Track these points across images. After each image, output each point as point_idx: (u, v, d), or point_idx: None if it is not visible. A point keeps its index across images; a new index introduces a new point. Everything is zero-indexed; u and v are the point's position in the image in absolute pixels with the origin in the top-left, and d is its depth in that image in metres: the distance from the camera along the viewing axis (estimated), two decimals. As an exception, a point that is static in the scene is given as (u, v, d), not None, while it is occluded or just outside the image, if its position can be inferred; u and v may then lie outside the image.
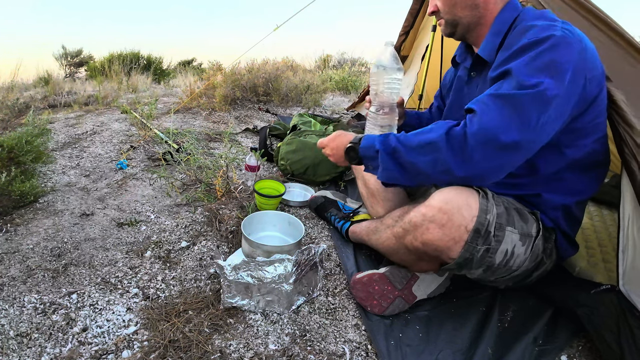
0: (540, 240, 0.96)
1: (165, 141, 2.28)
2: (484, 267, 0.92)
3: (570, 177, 0.98)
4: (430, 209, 0.91)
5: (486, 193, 0.92)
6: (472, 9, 1.04)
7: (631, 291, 0.93)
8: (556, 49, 0.83)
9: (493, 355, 0.93)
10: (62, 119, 2.87)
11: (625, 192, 0.96)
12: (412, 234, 0.95)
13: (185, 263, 1.23)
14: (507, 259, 0.92)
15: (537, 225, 0.96)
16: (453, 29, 1.09)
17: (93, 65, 6.61)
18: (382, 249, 1.14)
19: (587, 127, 0.93)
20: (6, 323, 0.94)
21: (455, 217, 0.88)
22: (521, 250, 0.93)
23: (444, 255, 0.92)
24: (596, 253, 1.28)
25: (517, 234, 0.92)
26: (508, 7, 1.02)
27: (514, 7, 1.02)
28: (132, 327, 0.97)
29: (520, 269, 0.96)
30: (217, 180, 1.67)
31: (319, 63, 7.40)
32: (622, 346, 0.87)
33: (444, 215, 0.89)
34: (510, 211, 0.93)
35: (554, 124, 0.85)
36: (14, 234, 1.33)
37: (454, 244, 0.89)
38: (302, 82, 3.96)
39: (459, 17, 1.06)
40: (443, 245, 0.90)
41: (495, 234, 0.89)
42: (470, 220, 0.88)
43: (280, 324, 1.00)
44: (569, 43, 0.84)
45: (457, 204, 0.89)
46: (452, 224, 0.88)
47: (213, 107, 3.38)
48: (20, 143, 1.57)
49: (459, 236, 0.88)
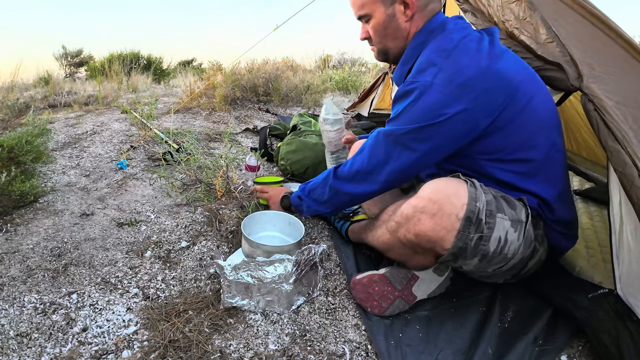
0: (530, 227, 0.96)
1: (165, 141, 2.28)
2: (479, 256, 0.92)
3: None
4: (420, 200, 0.93)
5: (474, 182, 0.93)
6: (402, 39, 1.08)
7: (629, 295, 0.93)
8: (420, 100, 0.94)
9: (493, 355, 0.93)
10: (62, 119, 2.87)
11: (613, 195, 0.95)
12: (405, 227, 0.96)
13: (185, 263, 1.23)
14: (501, 246, 0.92)
15: (525, 211, 0.96)
16: (385, 56, 1.15)
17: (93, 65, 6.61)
18: (378, 245, 1.14)
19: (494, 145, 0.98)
20: (6, 323, 0.95)
21: (446, 206, 0.89)
22: (514, 236, 0.93)
23: (438, 246, 0.92)
24: (596, 253, 1.28)
25: (508, 220, 0.93)
26: (422, 31, 1.05)
27: (427, 30, 1.04)
28: (132, 327, 0.97)
29: (515, 257, 0.96)
30: (217, 180, 1.67)
31: (319, 63, 7.40)
32: (621, 350, 0.86)
33: (434, 205, 0.90)
34: (498, 199, 0.95)
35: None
36: (14, 234, 1.33)
37: (446, 234, 0.90)
38: (302, 82, 3.96)
39: (389, 47, 1.11)
40: (435, 236, 0.91)
41: (486, 221, 0.90)
42: (461, 208, 0.89)
43: (280, 324, 1.00)
44: (436, 91, 0.92)
45: (447, 193, 0.90)
46: (442, 213, 0.89)
47: (213, 107, 3.38)
48: (20, 143, 1.57)
49: (451, 225, 0.89)
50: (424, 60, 0.98)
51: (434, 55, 0.96)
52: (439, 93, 0.92)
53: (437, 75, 0.92)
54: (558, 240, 1.06)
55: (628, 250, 0.92)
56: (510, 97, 0.94)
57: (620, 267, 0.94)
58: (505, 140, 0.97)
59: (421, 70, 0.96)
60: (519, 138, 0.97)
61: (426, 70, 0.95)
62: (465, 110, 0.92)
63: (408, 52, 1.08)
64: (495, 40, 1.00)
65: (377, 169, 1.06)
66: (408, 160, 1.01)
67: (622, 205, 0.92)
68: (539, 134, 0.98)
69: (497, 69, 0.93)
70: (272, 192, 1.44)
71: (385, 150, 1.03)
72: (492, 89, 0.93)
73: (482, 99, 0.92)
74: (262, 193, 1.47)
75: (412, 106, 0.95)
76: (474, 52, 0.94)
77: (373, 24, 1.08)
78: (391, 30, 1.07)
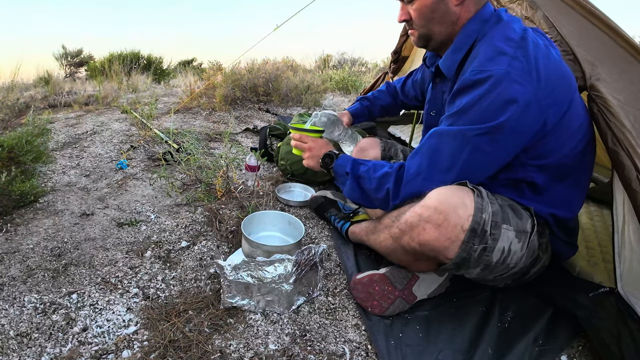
0: (535, 236, 0.95)
1: (166, 141, 2.28)
2: (482, 266, 0.92)
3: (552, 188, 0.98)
4: (426, 209, 0.90)
5: (480, 192, 0.91)
6: (449, 25, 1.00)
7: (630, 294, 0.93)
8: (497, 90, 0.84)
9: (493, 355, 0.93)
10: (62, 118, 2.87)
11: (617, 193, 0.95)
12: (408, 235, 0.95)
13: (185, 263, 1.23)
14: (504, 257, 0.92)
15: (531, 221, 0.96)
16: (426, 42, 1.06)
17: (93, 65, 6.61)
18: (380, 249, 1.14)
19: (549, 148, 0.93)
20: (6, 323, 0.95)
21: (451, 216, 0.87)
22: (517, 247, 0.92)
23: (441, 255, 0.91)
24: (596, 253, 1.28)
25: (513, 231, 0.91)
26: (474, 19, 0.98)
27: (480, 19, 0.98)
28: (132, 327, 0.97)
29: (517, 266, 0.96)
30: (217, 180, 1.67)
31: (319, 63, 7.40)
32: (621, 348, 0.86)
33: (440, 215, 0.88)
34: (505, 208, 0.93)
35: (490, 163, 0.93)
36: (14, 233, 1.33)
37: (450, 244, 0.88)
38: (302, 82, 3.96)
39: (433, 32, 1.02)
40: (440, 246, 0.89)
41: (491, 232, 0.88)
42: (466, 219, 0.87)
43: (280, 324, 1.00)
44: (513, 81, 0.84)
45: (453, 204, 0.88)
46: (448, 224, 0.87)
47: (213, 107, 3.38)
48: (20, 143, 1.57)
49: (456, 236, 0.88)
50: (489, 49, 0.90)
51: (502, 44, 0.88)
52: (516, 82, 0.84)
53: (511, 64, 0.85)
54: (560, 248, 1.06)
55: (630, 250, 0.92)
56: (572, 97, 0.91)
57: (622, 266, 0.94)
58: (557, 142, 0.92)
59: (490, 58, 0.87)
60: (564, 142, 0.93)
61: (496, 59, 0.86)
62: (539, 103, 0.85)
63: (460, 40, 0.99)
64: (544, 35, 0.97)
65: (438, 175, 0.94)
66: (477, 163, 0.91)
67: (625, 205, 0.93)
68: (572, 139, 0.94)
69: (565, 66, 0.90)
70: (312, 144, 1.24)
71: (452, 153, 0.92)
72: (563, 86, 0.89)
73: (555, 94, 0.87)
74: (300, 142, 1.27)
75: (487, 97, 0.85)
76: (543, 46, 0.89)
77: (418, 5, 0.99)
78: (439, 13, 0.98)
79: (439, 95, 1.17)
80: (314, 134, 1.28)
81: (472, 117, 0.88)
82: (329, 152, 1.19)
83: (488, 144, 0.88)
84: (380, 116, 1.64)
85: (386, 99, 1.61)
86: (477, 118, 0.87)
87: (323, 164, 1.20)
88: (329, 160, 1.17)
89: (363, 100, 1.63)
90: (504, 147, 0.90)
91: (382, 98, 1.62)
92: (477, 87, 0.87)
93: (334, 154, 1.17)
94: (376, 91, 1.64)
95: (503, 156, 0.92)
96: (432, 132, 0.96)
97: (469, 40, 0.97)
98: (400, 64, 2.76)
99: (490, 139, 0.87)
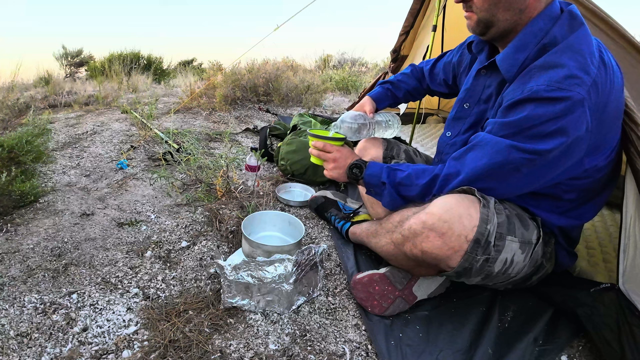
0: (540, 246, 0.95)
1: (166, 141, 2.28)
2: (483, 275, 0.91)
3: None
4: (430, 216, 0.89)
5: (487, 202, 0.89)
6: (516, 13, 0.88)
7: (631, 290, 0.93)
8: (570, 115, 0.79)
9: (493, 356, 0.93)
10: (63, 118, 2.87)
11: (628, 191, 0.96)
12: (411, 242, 0.93)
13: (185, 263, 1.23)
14: (505, 267, 0.91)
15: (537, 232, 0.95)
16: (485, 29, 0.93)
17: (93, 65, 6.61)
18: (381, 253, 1.13)
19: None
20: (6, 323, 0.95)
21: (456, 226, 0.86)
22: (520, 258, 0.92)
23: (443, 264, 0.90)
24: (596, 253, 1.28)
25: (517, 243, 0.90)
26: (543, 14, 0.87)
27: (549, 16, 0.87)
28: (132, 327, 0.97)
29: (519, 275, 0.95)
30: (218, 180, 1.67)
31: (319, 63, 7.40)
32: (622, 345, 0.87)
33: (444, 224, 0.86)
34: (512, 218, 0.91)
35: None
36: (14, 234, 1.33)
37: (453, 254, 0.87)
38: (302, 82, 3.96)
39: (497, 19, 0.90)
40: (442, 255, 0.88)
41: (495, 244, 0.87)
42: (471, 230, 0.85)
43: (281, 324, 1.00)
44: (583, 113, 0.79)
45: (458, 213, 0.86)
46: (452, 233, 0.86)
47: (213, 107, 3.38)
48: (20, 143, 1.57)
49: (459, 246, 0.86)
50: (572, 62, 0.81)
51: (586, 59, 0.81)
52: (588, 110, 0.80)
53: (590, 91, 0.79)
54: (562, 259, 1.06)
55: (634, 247, 0.92)
56: (618, 137, 0.92)
57: (625, 262, 0.94)
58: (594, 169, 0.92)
59: (572, 76, 0.79)
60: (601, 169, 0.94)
61: (578, 78, 0.79)
62: (589, 146, 0.85)
63: (525, 37, 0.88)
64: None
65: (488, 190, 0.91)
66: (528, 181, 0.88)
67: (636, 201, 0.93)
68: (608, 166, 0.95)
69: (622, 96, 0.90)
70: (337, 154, 1.14)
71: (505, 168, 0.87)
72: (615, 129, 0.90)
73: (606, 139, 0.88)
74: (323, 152, 1.17)
75: (556, 121, 0.79)
76: (612, 69, 0.85)
77: None
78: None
79: (479, 89, 1.06)
80: (337, 142, 1.18)
81: (535, 133, 0.82)
82: (356, 162, 1.11)
83: (547, 164, 0.84)
84: (405, 101, 1.46)
85: (411, 82, 1.43)
86: (542, 136, 0.82)
87: (351, 175, 1.11)
88: (358, 171, 1.10)
89: (385, 83, 1.44)
90: (565, 166, 0.87)
91: (406, 81, 1.43)
92: (551, 103, 0.79)
93: (362, 163, 1.10)
94: (399, 74, 1.45)
95: (556, 173, 0.88)
96: (480, 139, 0.91)
97: (535, 39, 0.87)
98: (399, 63, 2.76)
99: (551, 157, 0.83)
